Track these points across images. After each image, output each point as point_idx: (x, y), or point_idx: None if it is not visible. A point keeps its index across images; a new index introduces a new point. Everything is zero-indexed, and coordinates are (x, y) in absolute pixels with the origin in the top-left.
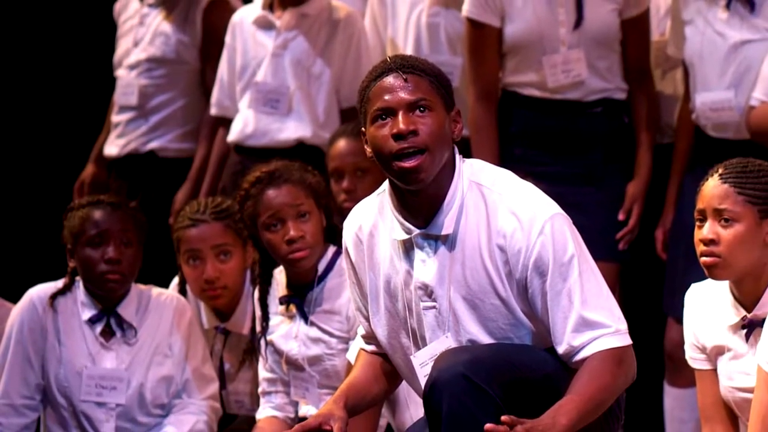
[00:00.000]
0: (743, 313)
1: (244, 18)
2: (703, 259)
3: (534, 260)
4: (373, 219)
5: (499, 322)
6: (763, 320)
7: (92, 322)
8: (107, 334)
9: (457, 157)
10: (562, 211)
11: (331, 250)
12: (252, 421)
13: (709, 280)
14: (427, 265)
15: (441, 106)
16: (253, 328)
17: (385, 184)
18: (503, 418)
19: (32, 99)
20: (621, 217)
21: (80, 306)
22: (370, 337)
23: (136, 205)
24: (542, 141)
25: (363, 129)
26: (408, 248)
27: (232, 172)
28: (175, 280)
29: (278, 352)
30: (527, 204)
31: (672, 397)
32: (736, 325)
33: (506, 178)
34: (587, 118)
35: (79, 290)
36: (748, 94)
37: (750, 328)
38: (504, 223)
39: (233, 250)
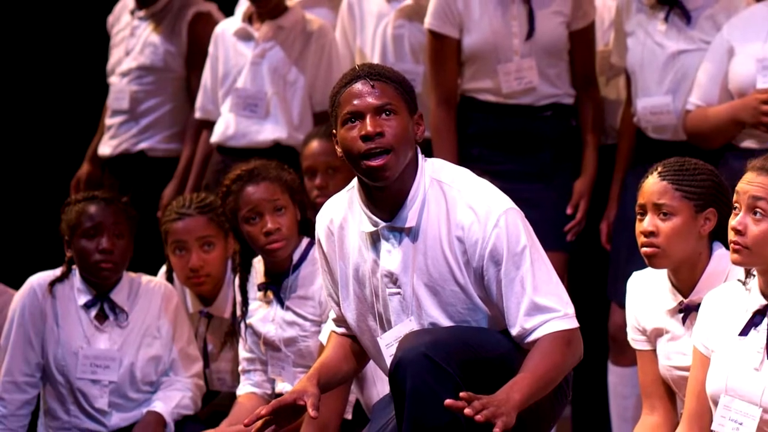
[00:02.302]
0: (680, 298)
1: (225, 30)
2: (644, 249)
3: (490, 250)
4: (343, 213)
5: (458, 306)
6: (698, 305)
7: (87, 306)
8: (101, 317)
9: (420, 156)
10: (516, 206)
11: (305, 241)
12: (233, 397)
13: (649, 269)
14: (392, 255)
15: (405, 110)
16: (234, 312)
17: (354, 181)
18: (462, 394)
19: (33, 104)
20: (569, 211)
21: (76, 292)
22: (340, 321)
23: (128, 200)
24: (497, 142)
25: (334, 131)
26: (375, 239)
27: (214, 170)
28: (163, 269)
29: (257, 334)
30: (483, 199)
31: (615, 375)
32: (674, 309)
33: (464, 175)
34: (538, 121)
35: (76, 278)
36: (684, 99)
37: (686, 312)
38: (462, 216)
39: (216, 241)
